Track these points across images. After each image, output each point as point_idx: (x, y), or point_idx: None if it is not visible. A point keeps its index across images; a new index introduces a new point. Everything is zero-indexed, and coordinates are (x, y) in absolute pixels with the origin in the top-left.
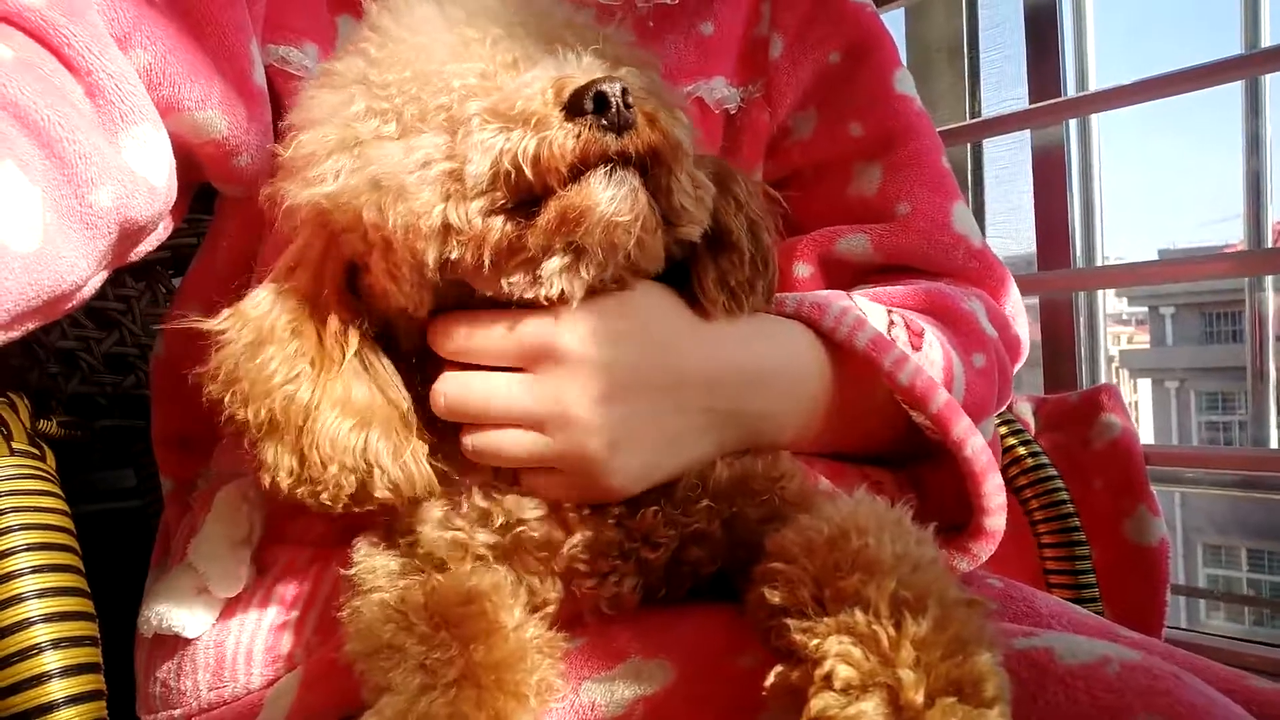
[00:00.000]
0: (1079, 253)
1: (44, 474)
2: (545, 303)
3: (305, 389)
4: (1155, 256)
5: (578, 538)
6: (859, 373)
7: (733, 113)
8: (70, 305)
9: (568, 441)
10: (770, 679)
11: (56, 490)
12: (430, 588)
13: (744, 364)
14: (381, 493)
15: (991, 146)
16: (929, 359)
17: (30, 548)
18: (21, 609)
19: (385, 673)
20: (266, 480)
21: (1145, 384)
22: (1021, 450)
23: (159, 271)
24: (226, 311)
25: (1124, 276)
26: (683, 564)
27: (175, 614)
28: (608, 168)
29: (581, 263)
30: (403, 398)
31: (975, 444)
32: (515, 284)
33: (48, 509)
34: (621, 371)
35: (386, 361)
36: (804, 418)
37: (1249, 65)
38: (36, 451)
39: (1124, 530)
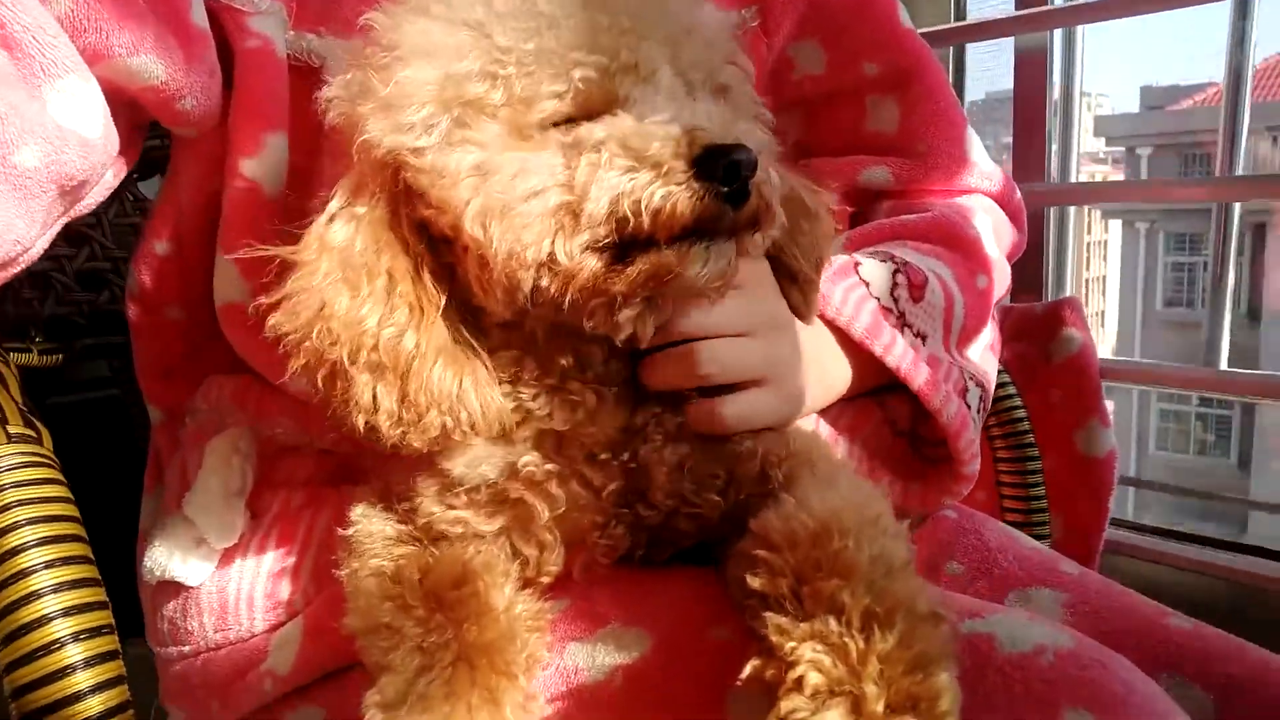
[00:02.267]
0: (1057, 83)
1: (45, 459)
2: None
3: (411, 334)
4: (1137, 94)
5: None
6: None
7: None
8: (17, 269)
9: (777, 343)
10: (746, 671)
11: (59, 476)
12: (425, 564)
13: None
14: (459, 434)
15: None
16: (930, 304)
17: (41, 542)
18: (39, 605)
19: (385, 652)
20: (360, 421)
21: (1116, 225)
22: None
23: (126, 179)
24: (310, 238)
25: (1096, 194)
26: (670, 530)
27: (175, 565)
28: (710, 239)
29: (651, 310)
30: (478, 341)
31: (950, 410)
32: (591, 326)
33: (53, 498)
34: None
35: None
36: (837, 383)
37: None
38: (33, 434)
39: (1075, 441)
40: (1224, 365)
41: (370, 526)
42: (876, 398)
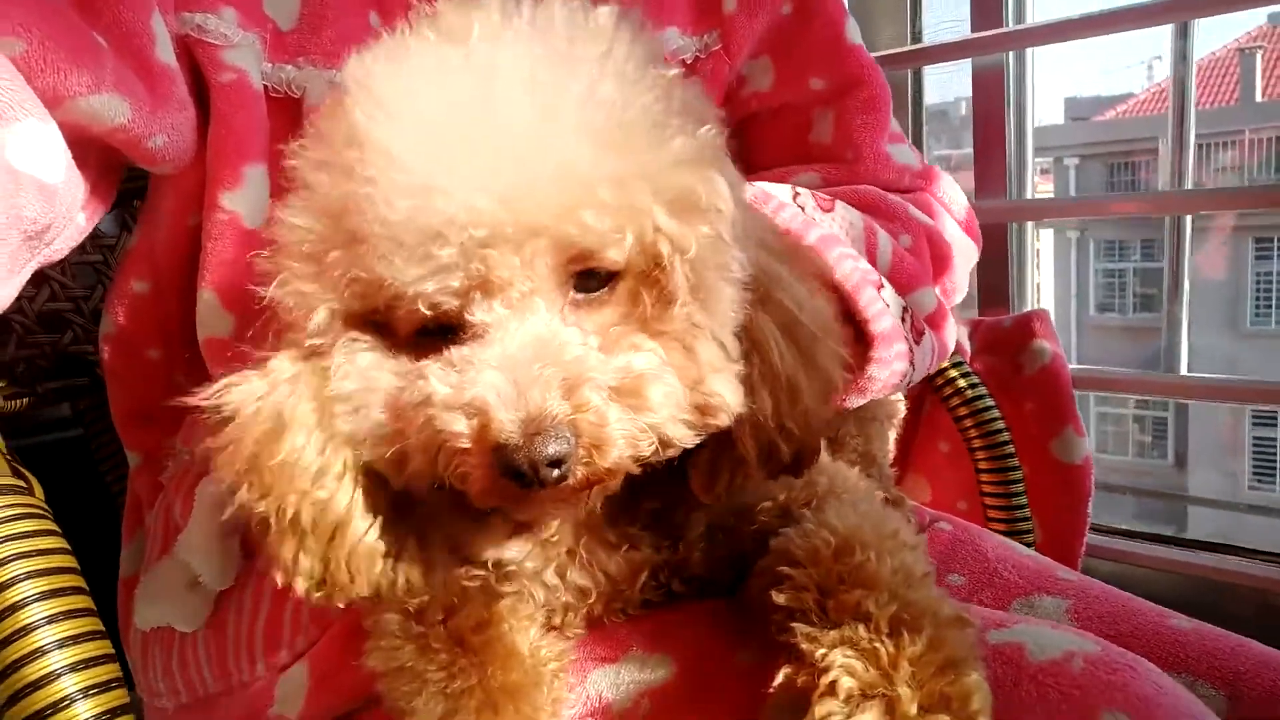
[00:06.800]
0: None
1: (38, 510)
2: None
3: (342, 496)
4: (1062, 108)
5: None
6: None
7: (689, 62)
8: None
9: None
10: (779, 679)
11: (54, 527)
12: (449, 604)
13: None
14: (393, 597)
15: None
16: (845, 219)
17: (42, 596)
18: (45, 661)
19: (408, 697)
20: (280, 579)
21: (1048, 234)
22: (961, 382)
23: None
24: (241, 389)
25: (1058, 209)
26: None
27: (169, 612)
28: None
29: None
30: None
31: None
32: None
33: (51, 550)
34: None
35: None
36: None
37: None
38: (24, 484)
39: (1051, 450)
40: (1184, 371)
41: None
42: None
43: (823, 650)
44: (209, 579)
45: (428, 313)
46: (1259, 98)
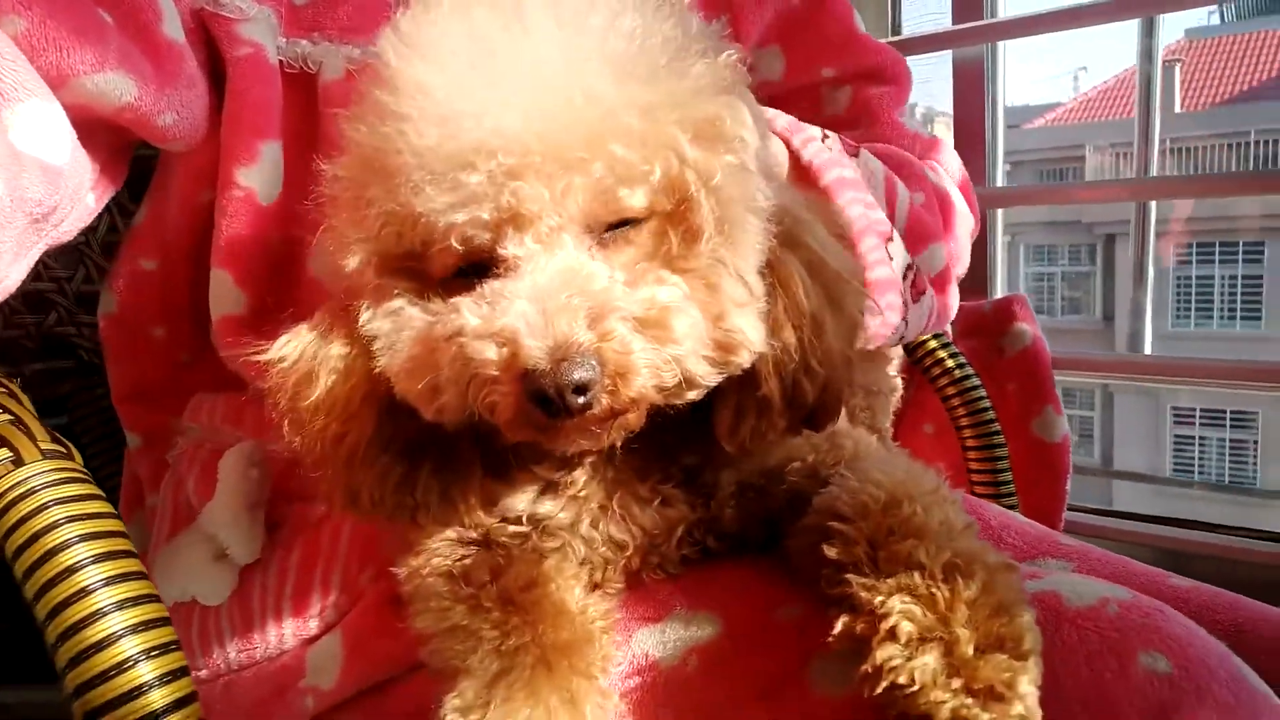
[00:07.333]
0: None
1: (82, 474)
2: None
3: (360, 426)
4: None
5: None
6: None
7: None
8: None
9: None
10: (837, 628)
11: (98, 491)
12: (495, 566)
13: None
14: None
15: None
16: (868, 168)
17: (97, 559)
18: (104, 624)
19: (462, 656)
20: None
21: None
22: (950, 362)
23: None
24: (286, 339)
25: (1038, 195)
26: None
27: (194, 585)
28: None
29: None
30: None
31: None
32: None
33: (99, 514)
34: None
35: None
36: None
37: None
38: (64, 449)
39: (1032, 429)
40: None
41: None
42: None
43: (880, 598)
44: (237, 551)
45: (459, 248)
46: (1178, 109)
